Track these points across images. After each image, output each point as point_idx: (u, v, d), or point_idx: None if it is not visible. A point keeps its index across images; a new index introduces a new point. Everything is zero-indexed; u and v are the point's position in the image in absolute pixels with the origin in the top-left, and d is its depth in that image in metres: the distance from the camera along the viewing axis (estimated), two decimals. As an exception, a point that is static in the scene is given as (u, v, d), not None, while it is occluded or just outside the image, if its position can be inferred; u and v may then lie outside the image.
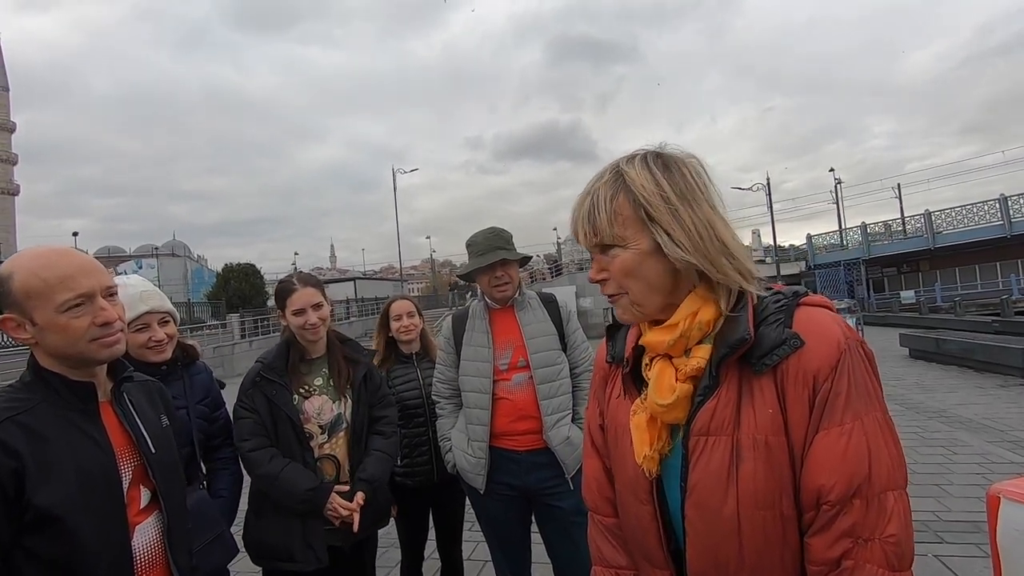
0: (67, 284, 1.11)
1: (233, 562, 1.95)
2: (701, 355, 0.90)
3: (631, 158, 0.95)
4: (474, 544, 3.48)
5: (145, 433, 1.25)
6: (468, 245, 2.33)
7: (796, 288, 0.94)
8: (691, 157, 0.95)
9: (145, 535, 1.20)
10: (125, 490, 1.17)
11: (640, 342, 0.99)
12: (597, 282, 0.96)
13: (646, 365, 0.98)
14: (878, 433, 0.82)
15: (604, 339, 1.13)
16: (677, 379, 0.91)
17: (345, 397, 2.15)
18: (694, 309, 0.91)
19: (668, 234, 0.88)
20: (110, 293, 1.18)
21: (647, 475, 0.95)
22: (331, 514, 1.99)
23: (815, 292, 0.97)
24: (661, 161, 0.93)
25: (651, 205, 0.89)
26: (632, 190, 0.90)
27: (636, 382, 1.02)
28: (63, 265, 1.13)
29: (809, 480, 0.83)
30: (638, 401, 0.98)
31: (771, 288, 0.95)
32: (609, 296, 0.96)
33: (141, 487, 1.22)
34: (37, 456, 1.05)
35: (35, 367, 1.16)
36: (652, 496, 0.96)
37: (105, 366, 1.23)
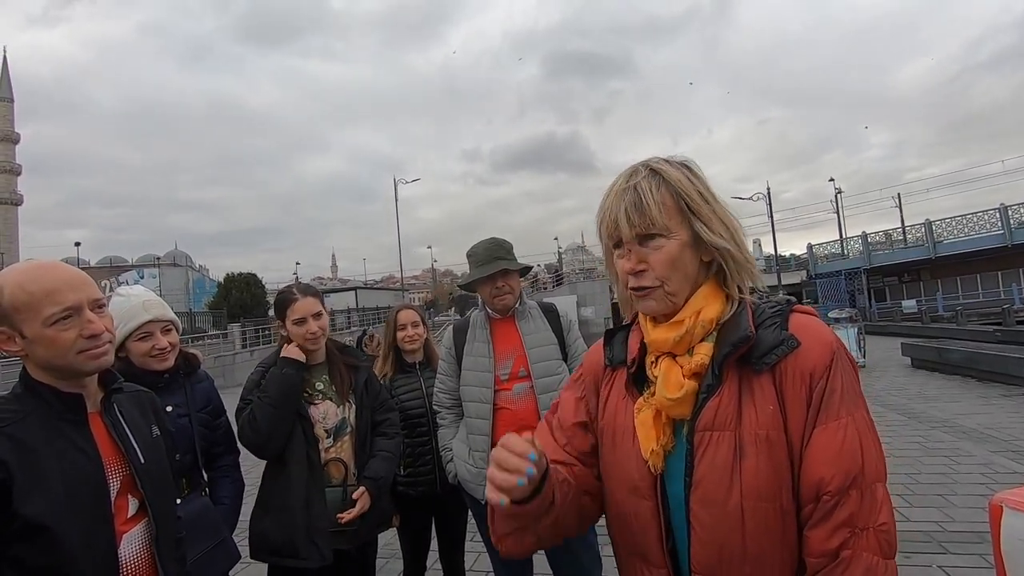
0: (53, 298, 1.13)
1: (235, 570, 1.95)
2: (704, 352, 0.95)
3: (657, 160, 1.01)
4: (476, 555, 3.46)
5: (134, 443, 1.26)
6: (469, 255, 2.34)
7: (787, 296, 1.02)
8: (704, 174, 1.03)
9: (132, 544, 1.21)
10: (113, 499, 1.18)
11: (645, 340, 1.02)
12: (636, 273, 0.97)
13: (651, 363, 1.01)
14: (867, 429, 0.89)
15: (601, 342, 1.15)
16: (684, 375, 0.95)
17: (348, 402, 2.20)
18: (698, 308, 0.96)
19: (706, 224, 0.95)
20: (98, 305, 1.20)
21: (652, 471, 0.97)
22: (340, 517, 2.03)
23: (816, 302, 1.02)
24: (685, 166, 1.01)
25: (691, 198, 0.96)
26: (672, 184, 0.96)
27: (636, 383, 1.05)
28: (49, 279, 1.14)
29: (809, 473, 0.87)
30: (641, 399, 1.01)
31: (763, 296, 1.02)
32: (642, 289, 0.98)
33: (129, 496, 1.23)
34: (25, 467, 1.07)
35: (26, 379, 1.18)
36: (655, 492, 0.98)
37: (96, 377, 1.24)
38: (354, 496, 2.07)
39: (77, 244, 41.34)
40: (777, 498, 0.87)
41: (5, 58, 55.66)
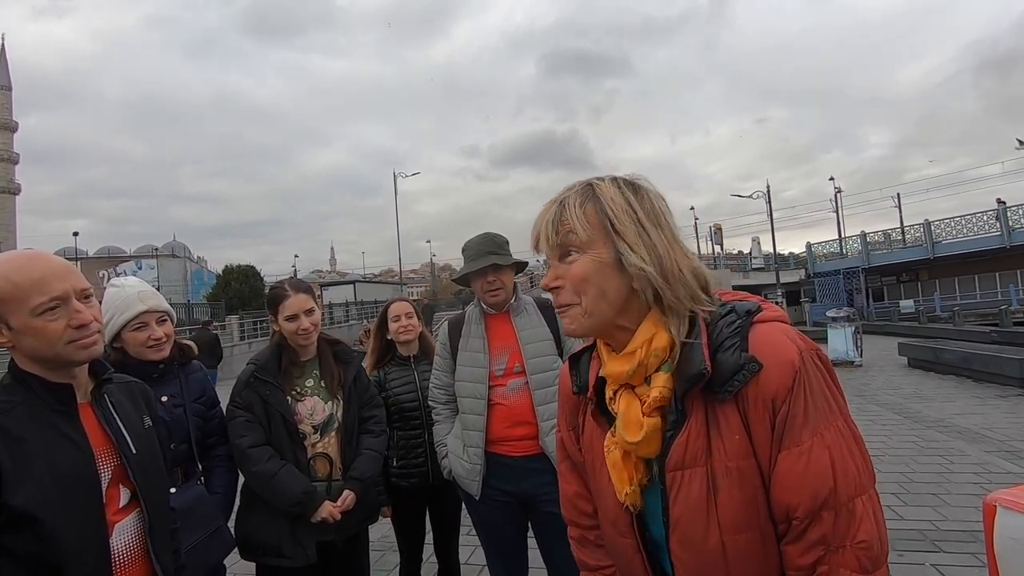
0: (39, 288, 1.12)
1: (229, 563, 1.95)
2: (661, 384, 0.89)
3: (603, 177, 0.97)
4: (471, 548, 3.46)
5: (125, 433, 1.25)
6: (463, 250, 2.34)
7: (748, 305, 0.92)
8: (657, 191, 0.97)
9: (124, 534, 1.21)
10: (104, 490, 1.18)
11: (601, 373, 0.98)
12: (551, 290, 0.95)
13: (610, 399, 0.97)
14: (840, 443, 0.83)
15: (567, 368, 1.12)
16: (644, 412, 0.90)
17: (337, 398, 2.20)
18: (649, 336, 0.90)
19: (630, 247, 0.89)
20: (85, 295, 1.19)
21: (631, 509, 0.95)
22: (320, 518, 2.02)
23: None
24: (632, 185, 0.95)
25: (618, 218, 0.91)
26: (602, 201, 0.92)
27: (604, 414, 1.01)
28: (34, 269, 1.13)
29: (776, 499, 0.85)
30: (609, 436, 0.97)
31: (719, 300, 0.94)
32: (560, 307, 0.95)
33: (121, 487, 1.22)
34: (13, 457, 1.07)
35: (14, 370, 1.17)
36: (632, 529, 0.96)
37: (85, 367, 1.24)
38: (339, 500, 2.07)
39: (75, 234, 40.92)
40: (755, 526, 0.85)
41: (3, 46, 55.39)
